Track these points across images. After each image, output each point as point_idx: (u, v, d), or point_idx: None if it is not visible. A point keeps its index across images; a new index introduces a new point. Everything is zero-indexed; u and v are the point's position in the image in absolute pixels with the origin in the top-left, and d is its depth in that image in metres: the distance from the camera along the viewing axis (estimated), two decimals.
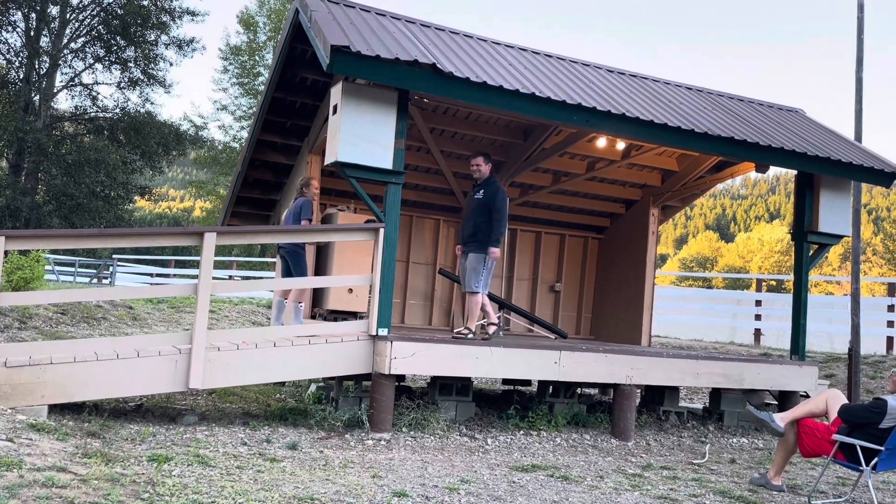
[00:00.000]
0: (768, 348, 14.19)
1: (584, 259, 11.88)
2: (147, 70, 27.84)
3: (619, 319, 11.21)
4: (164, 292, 7.27)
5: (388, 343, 6.25)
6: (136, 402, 6.69)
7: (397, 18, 7.56)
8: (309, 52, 7.86)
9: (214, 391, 7.59)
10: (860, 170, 8.17)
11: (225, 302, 14.80)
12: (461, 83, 6.32)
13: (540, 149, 9.64)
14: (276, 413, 6.69)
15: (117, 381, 5.66)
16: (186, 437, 5.44)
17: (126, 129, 27.02)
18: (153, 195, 30.97)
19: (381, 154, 6.36)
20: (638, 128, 7.16)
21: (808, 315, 8.74)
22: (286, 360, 6.20)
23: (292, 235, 7.38)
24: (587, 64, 8.68)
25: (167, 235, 6.70)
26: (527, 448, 6.31)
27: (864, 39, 10.17)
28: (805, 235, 8.51)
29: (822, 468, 5.68)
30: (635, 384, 7.29)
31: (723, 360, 7.95)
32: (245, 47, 32.15)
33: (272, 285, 10.13)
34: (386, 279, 6.49)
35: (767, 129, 8.30)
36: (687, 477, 5.66)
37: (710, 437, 7.66)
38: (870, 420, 4.99)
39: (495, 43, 8.10)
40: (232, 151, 31.29)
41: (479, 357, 6.66)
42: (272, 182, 10.13)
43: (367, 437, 6.03)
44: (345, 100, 6.25)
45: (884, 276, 37.49)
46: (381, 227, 6.49)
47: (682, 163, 10.54)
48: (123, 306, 11.97)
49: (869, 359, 11.87)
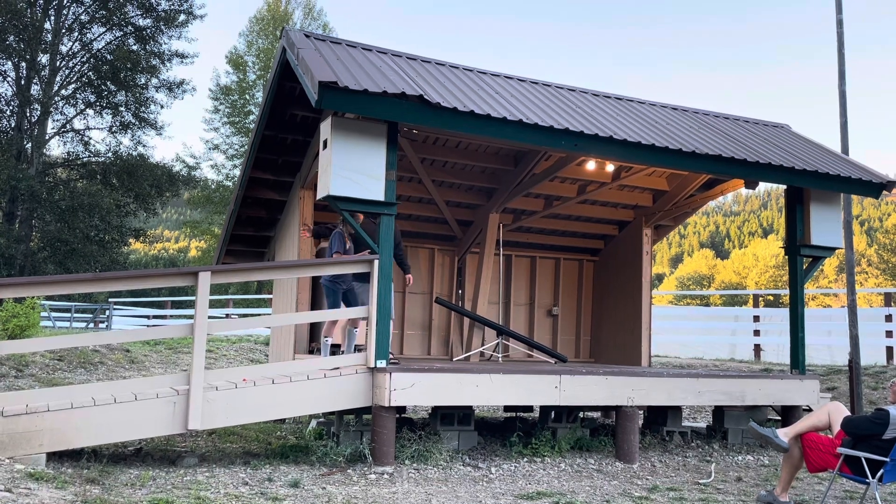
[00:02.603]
0: (769, 363, 14.16)
1: (581, 282, 11.89)
2: (138, 113, 28.03)
3: (619, 341, 11.20)
4: (160, 334, 7.22)
5: (387, 375, 6.23)
6: (136, 446, 6.63)
7: (384, 52, 7.66)
8: (298, 90, 7.94)
9: (214, 431, 7.52)
10: (848, 182, 8.24)
11: (223, 341, 14.74)
12: (449, 113, 6.38)
13: (531, 174, 9.71)
14: (277, 451, 6.63)
15: (115, 426, 5.61)
16: (187, 480, 5.38)
17: (119, 173, 27.11)
18: (148, 237, 30.97)
19: (373, 186, 6.40)
20: (626, 150, 7.22)
21: (806, 328, 8.73)
22: (285, 397, 6.17)
23: (291, 271, 7.38)
24: (573, 89, 8.78)
25: (161, 277, 6.69)
26: (531, 475, 6.26)
27: (844, 54, 10.31)
28: (798, 249, 8.54)
29: (829, 482, 5.64)
30: (637, 405, 7.25)
31: (723, 378, 7.92)
32: (235, 87, 32.44)
33: (268, 322, 10.10)
34: (383, 310, 6.49)
35: (754, 146, 8.38)
36: (694, 497, 5.61)
37: (716, 455, 7.60)
38: (873, 431, 4.96)
39: (481, 72, 8.20)
40: (225, 190, 31.40)
41: (480, 385, 6.63)
42: (266, 219, 10.16)
43: (369, 471, 5.97)
44: (335, 134, 6.31)
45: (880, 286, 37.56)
46: (376, 259, 6.50)
47: (673, 182, 10.61)
48: (120, 350, 11.91)
49: (870, 370, 11.84)
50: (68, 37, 26.96)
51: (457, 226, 10.76)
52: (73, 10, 26.98)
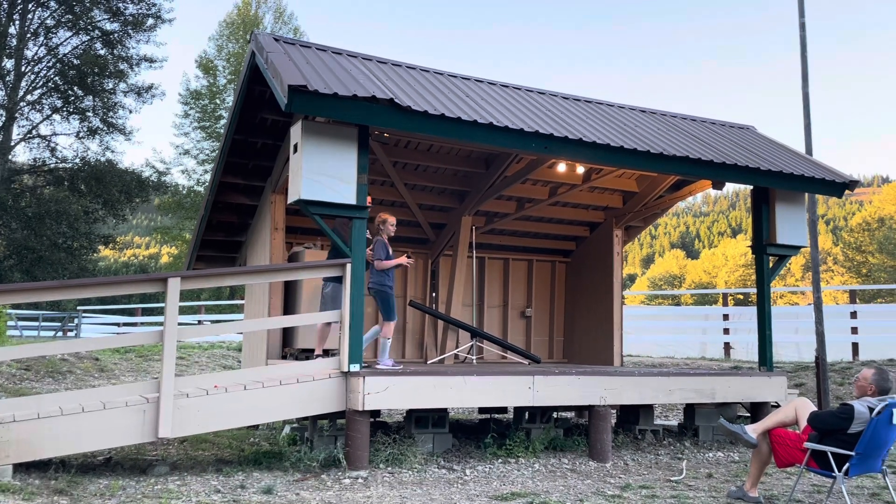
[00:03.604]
0: (738, 361, 14.38)
1: (553, 283, 11.97)
2: (106, 118, 27.64)
3: (591, 341, 11.29)
4: (130, 341, 7.13)
5: (360, 379, 6.21)
6: (105, 455, 6.53)
7: (354, 56, 7.65)
8: (268, 93, 7.91)
9: (186, 439, 7.44)
10: (812, 181, 8.41)
11: (195, 347, 14.58)
12: (419, 116, 6.40)
13: (502, 177, 9.75)
14: (250, 457, 6.58)
15: (84, 436, 5.53)
16: (158, 489, 5.32)
17: (87, 179, 26.70)
18: (117, 244, 30.54)
19: (344, 190, 6.39)
20: (595, 152, 7.30)
21: (774, 326, 8.90)
22: (258, 403, 6.13)
23: (263, 276, 7.33)
24: (542, 92, 8.85)
25: (130, 283, 6.61)
26: (506, 476, 6.28)
27: (807, 57, 10.52)
28: (764, 248, 8.69)
29: (797, 477, 5.74)
30: (610, 405, 7.32)
31: (694, 376, 8.03)
32: (205, 91, 32.12)
33: (240, 327, 10.02)
34: (355, 314, 6.47)
35: (721, 147, 8.52)
36: (666, 495, 5.68)
37: (687, 452, 7.70)
38: (838, 426, 5.06)
39: (452, 76, 8.23)
40: (196, 195, 31.07)
41: (454, 387, 6.64)
42: (237, 224, 10.08)
43: (343, 475, 5.95)
44: (305, 138, 6.29)
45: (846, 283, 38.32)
46: (348, 263, 6.49)
47: (642, 184, 10.73)
48: (89, 358, 11.72)
49: (836, 366, 12.08)
50: (34, 41, 26.51)
51: (430, 229, 10.78)
52: (39, 15, 26.53)
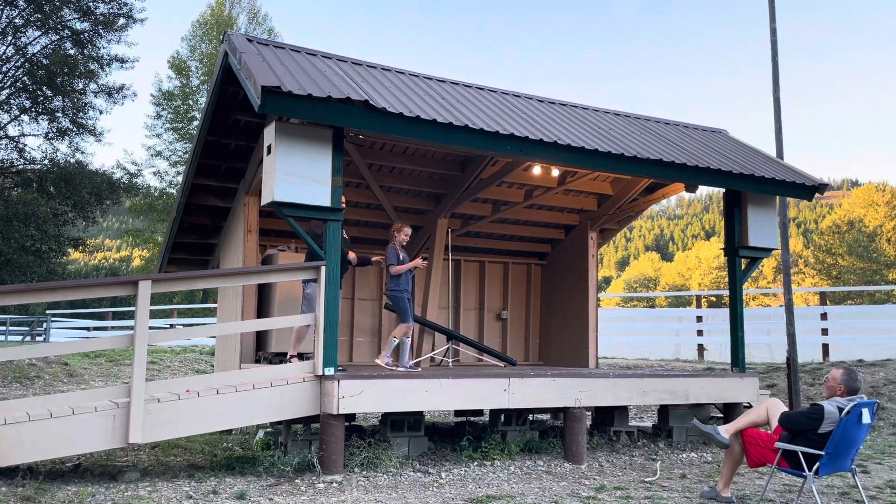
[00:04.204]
0: (712, 362, 14.52)
1: (529, 286, 12.00)
2: (76, 119, 27.18)
3: (566, 343, 11.34)
4: (99, 345, 7.00)
5: (335, 382, 6.17)
6: (74, 461, 6.40)
7: (328, 57, 7.61)
8: (241, 94, 7.83)
9: (157, 445, 7.33)
10: (783, 185, 8.52)
11: (167, 352, 14.38)
12: (395, 118, 6.37)
13: (478, 179, 9.76)
14: (222, 463, 6.49)
15: (52, 442, 5.41)
16: (128, 495, 5.23)
17: (56, 181, 26.22)
18: (87, 246, 30.04)
19: (319, 192, 6.34)
20: (570, 154, 7.32)
21: (746, 328, 9.00)
22: (231, 408, 6.05)
23: (235, 278, 7.25)
24: (518, 95, 8.87)
25: (100, 287, 6.49)
26: (481, 479, 6.27)
27: (778, 62, 10.67)
28: (737, 250, 8.79)
29: (768, 477, 5.80)
30: (585, 406, 7.35)
31: (668, 377, 8.09)
32: (178, 92, 31.78)
33: (212, 331, 9.90)
34: (330, 317, 6.42)
35: (694, 150, 8.60)
36: (640, 495, 5.71)
37: (661, 453, 7.75)
38: (809, 426, 5.12)
39: (427, 78, 8.22)
40: (168, 197, 30.70)
41: (429, 390, 6.62)
42: (209, 226, 9.96)
43: (318, 480, 5.90)
44: (279, 139, 6.23)
45: (816, 286, 38.93)
46: (323, 265, 6.44)
47: (616, 186, 10.80)
48: (58, 363, 11.51)
49: (807, 367, 12.25)
50: (1, 41, 25.97)
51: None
52: (7, 14, 26.01)
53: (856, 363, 12.09)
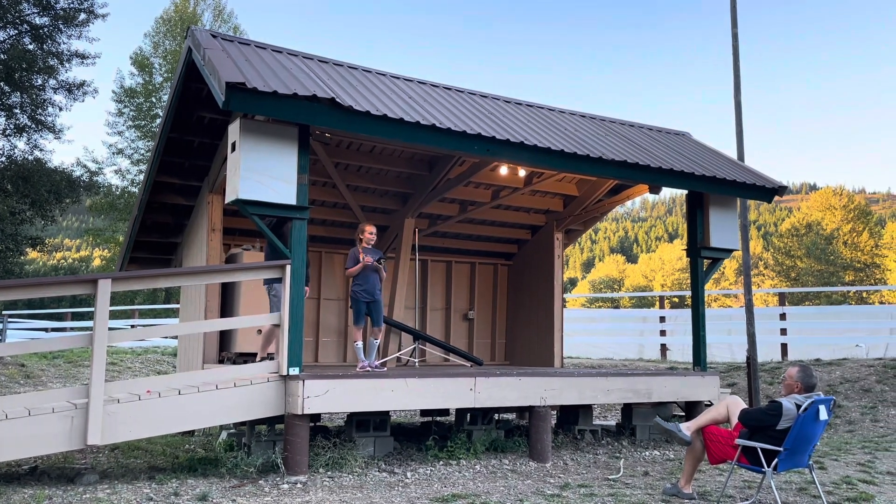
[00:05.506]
0: (674, 362, 14.74)
1: (495, 286, 12.05)
2: (35, 116, 26.50)
3: (532, 343, 11.40)
4: (57, 346, 6.83)
5: (300, 382, 6.11)
6: (31, 464, 6.25)
7: (294, 55, 7.54)
8: (205, 91, 7.72)
9: (117, 447, 7.19)
10: (744, 187, 8.68)
11: (127, 352, 14.12)
12: (361, 116, 6.34)
13: (445, 179, 9.77)
14: (184, 464, 6.39)
15: (7, 444, 5.27)
16: (86, 498, 5.12)
17: (13, 178, 25.53)
18: (46, 246, 29.34)
19: (284, 190, 6.28)
20: (536, 155, 7.37)
21: (708, 328, 9.14)
22: (193, 408, 5.95)
23: (198, 277, 7.15)
24: (485, 95, 8.90)
25: (58, 285, 6.35)
26: (447, 478, 6.27)
27: (739, 67, 10.88)
28: (699, 251, 8.93)
29: (729, 473, 5.91)
30: (550, 405, 7.40)
31: (631, 376, 8.19)
32: (140, 89, 31.22)
33: (174, 331, 9.75)
34: (295, 317, 6.37)
35: (658, 152, 8.72)
36: (603, 493, 5.76)
37: (625, 451, 7.84)
38: (767, 422, 5.22)
39: (394, 77, 8.20)
40: (130, 196, 30.16)
41: (396, 390, 6.60)
42: (172, 224, 9.81)
43: (282, 481, 5.84)
44: (243, 137, 6.16)
45: (776, 287, 39.75)
46: (288, 264, 6.38)
47: (582, 188, 10.91)
48: (15, 364, 11.23)
49: (766, 366, 12.50)
50: None
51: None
52: None
53: (813, 362, 12.37)
